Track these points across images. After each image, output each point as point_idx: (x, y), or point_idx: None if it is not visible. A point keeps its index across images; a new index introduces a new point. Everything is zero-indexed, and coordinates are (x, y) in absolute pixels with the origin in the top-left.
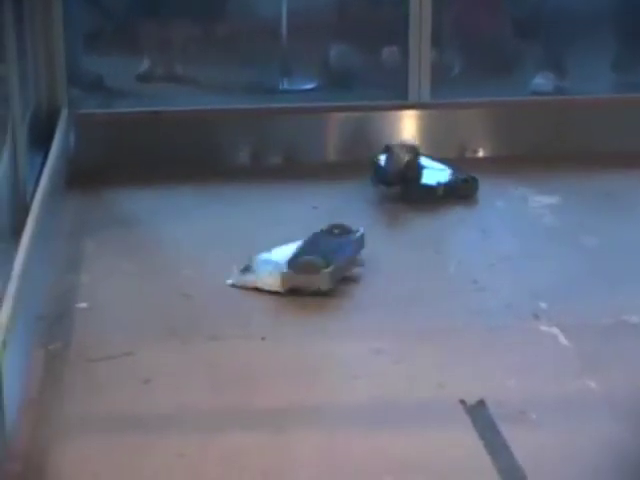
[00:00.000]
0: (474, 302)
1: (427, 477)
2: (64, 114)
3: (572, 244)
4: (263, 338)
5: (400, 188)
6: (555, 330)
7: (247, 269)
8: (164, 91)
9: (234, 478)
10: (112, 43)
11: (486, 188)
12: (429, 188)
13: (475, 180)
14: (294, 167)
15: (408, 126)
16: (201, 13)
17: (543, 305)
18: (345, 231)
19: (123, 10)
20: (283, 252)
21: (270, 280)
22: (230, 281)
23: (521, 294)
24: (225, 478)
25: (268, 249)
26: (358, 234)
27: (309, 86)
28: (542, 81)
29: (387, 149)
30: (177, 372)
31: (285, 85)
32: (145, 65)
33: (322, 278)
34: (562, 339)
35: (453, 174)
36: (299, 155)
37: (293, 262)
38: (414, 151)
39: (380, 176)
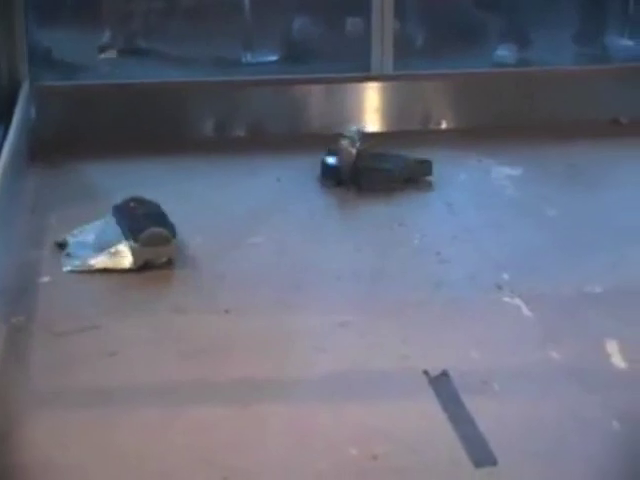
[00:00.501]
0: (438, 274)
1: (391, 447)
2: (25, 87)
3: (535, 216)
4: (227, 311)
5: (355, 180)
6: (518, 301)
7: (71, 254)
8: (127, 64)
9: (201, 450)
10: (73, 16)
11: (449, 160)
12: (386, 172)
13: (429, 162)
14: (258, 139)
15: (371, 98)
16: None
17: (506, 276)
18: (142, 203)
19: None
20: (88, 234)
21: (117, 259)
22: (68, 268)
23: (484, 266)
24: (192, 450)
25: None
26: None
27: (272, 58)
28: (505, 52)
29: (334, 148)
30: (143, 345)
31: (248, 58)
32: (106, 37)
33: (172, 249)
34: (525, 310)
35: (405, 159)
36: (263, 127)
37: (139, 236)
38: (361, 140)
39: (331, 175)
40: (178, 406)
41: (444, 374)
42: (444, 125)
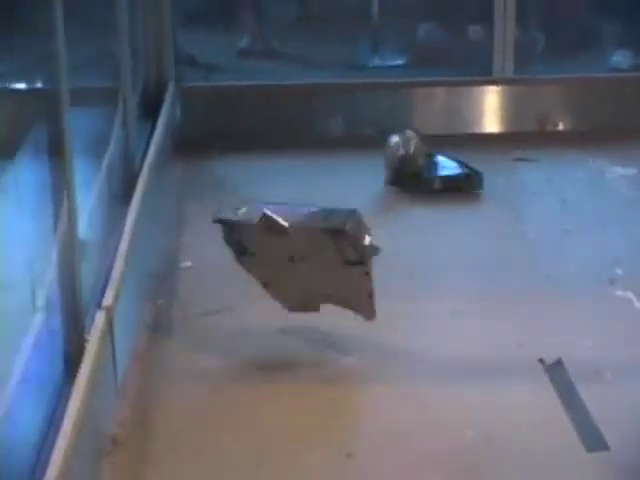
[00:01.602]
0: (552, 267)
1: (506, 430)
2: (170, 87)
3: None
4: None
5: (397, 183)
6: (630, 295)
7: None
8: (263, 66)
9: (321, 429)
10: (214, 21)
11: (564, 160)
12: (426, 181)
13: (479, 176)
14: (383, 140)
15: (491, 100)
16: None
17: (619, 271)
18: None
19: None
20: None
21: None
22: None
23: (597, 260)
24: (315, 429)
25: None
26: None
27: (398, 62)
28: (620, 58)
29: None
30: (268, 325)
31: (375, 61)
32: (244, 42)
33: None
34: (636, 303)
35: (458, 168)
36: (389, 128)
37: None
38: (414, 145)
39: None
40: (311, 383)
41: (559, 362)
42: (561, 127)
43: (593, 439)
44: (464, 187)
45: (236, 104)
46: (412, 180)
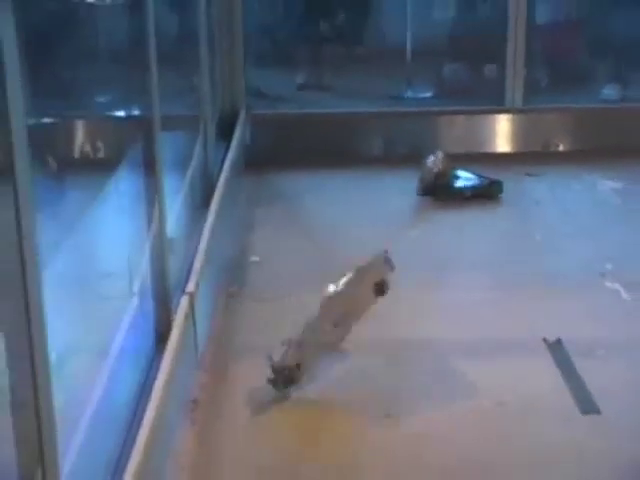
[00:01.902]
0: (555, 263)
1: (515, 397)
2: (242, 114)
3: (633, 219)
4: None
5: (432, 193)
6: (618, 286)
7: None
8: (317, 97)
9: (363, 390)
10: (278, 60)
11: (564, 174)
12: (458, 190)
13: (499, 183)
14: (416, 158)
15: (504, 126)
16: (345, 37)
17: (609, 267)
18: None
19: (287, 38)
20: None
21: None
22: None
23: (592, 258)
24: (358, 392)
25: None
26: None
27: (427, 95)
28: (610, 92)
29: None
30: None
31: (409, 94)
32: (302, 77)
33: None
34: (623, 294)
35: (480, 179)
36: (420, 148)
37: None
38: (444, 163)
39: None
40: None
41: (559, 341)
42: (561, 148)
43: (587, 404)
44: (489, 193)
45: (295, 129)
46: (443, 190)
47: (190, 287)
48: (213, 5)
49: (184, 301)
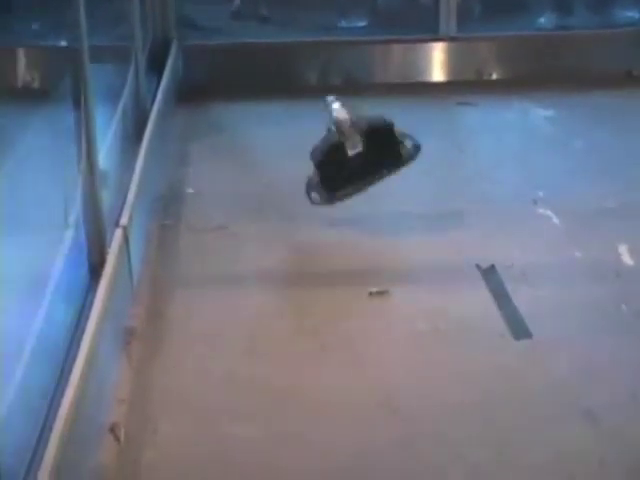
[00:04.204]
0: (487, 191)
1: (451, 323)
2: (174, 45)
3: (564, 147)
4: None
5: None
6: (549, 213)
7: None
8: (251, 27)
9: (300, 325)
10: None
11: (497, 103)
12: None
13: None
14: (350, 87)
15: (438, 55)
16: None
17: (540, 194)
18: None
19: None
20: None
21: None
22: None
23: (524, 185)
24: (292, 326)
25: None
26: None
27: (361, 24)
28: (544, 20)
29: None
30: (260, 241)
31: (343, 23)
32: (236, 6)
33: None
34: (555, 220)
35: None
36: (354, 78)
37: None
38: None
39: None
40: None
41: (492, 267)
42: (494, 76)
43: (519, 329)
44: None
45: (229, 60)
46: None
47: (124, 220)
48: None
49: (118, 234)
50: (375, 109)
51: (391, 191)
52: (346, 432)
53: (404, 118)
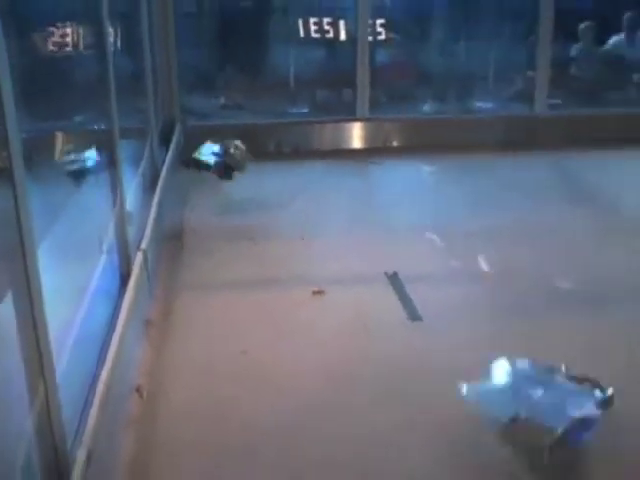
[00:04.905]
0: (391, 221)
1: (368, 312)
2: (178, 126)
3: (442, 192)
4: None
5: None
6: (434, 236)
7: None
8: (232, 113)
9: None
10: (206, 88)
11: (397, 162)
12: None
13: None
14: (297, 153)
15: (356, 130)
16: (252, 72)
17: (428, 222)
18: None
19: (211, 72)
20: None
21: None
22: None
23: (416, 216)
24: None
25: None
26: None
27: (304, 110)
28: (428, 107)
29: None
30: (238, 261)
31: (292, 110)
32: (223, 100)
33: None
34: (437, 241)
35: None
36: (300, 147)
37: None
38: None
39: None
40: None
41: (395, 274)
42: (395, 144)
43: (414, 315)
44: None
45: (216, 135)
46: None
47: (143, 245)
48: (155, 52)
49: (139, 255)
50: (315, 168)
51: (321, 218)
52: (297, 390)
53: (334, 172)
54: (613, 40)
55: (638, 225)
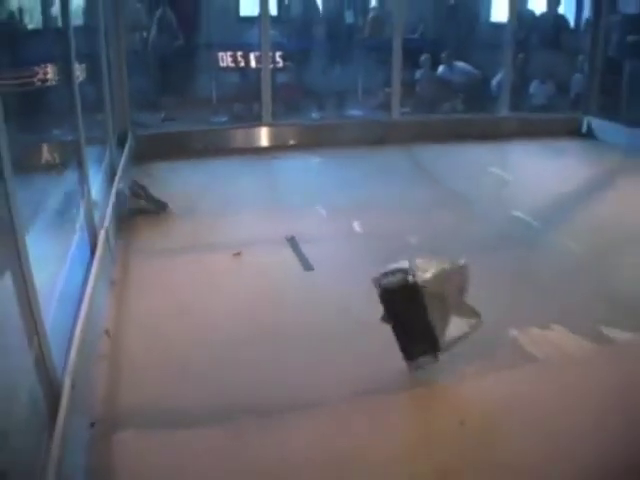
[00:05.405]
0: (291, 201)
1: (272, 265)
2: (130, 134)
3: (326, 176)
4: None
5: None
6: (321, 209)
7: None
8: (170, 124)
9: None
10: (150, 105)
11: (293, 155)
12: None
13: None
14: (220, 152)
15: (263, 133)
16: (183, 92)
17: (318, 199)
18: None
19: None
20: None
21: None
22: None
23: (311, 195)
24: (208, 284)
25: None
26: None
27: (224, 119)
28: (315, 114)
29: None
30: (169, 227)
31: (214, 119)
32: (163, 115)
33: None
34: (323, 212)
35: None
36: (219, 147)
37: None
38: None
39: None
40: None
41: (293, 237)
42: (291, 143)
43: (307, 266)
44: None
45: (160, 141)
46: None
47: (106, 224)
48: (112, 80)
49: (103, 232)
50: (232, 162)
51: (237, 198)
52: (219, 326)
53: (247, 165)
54: (441, 69)
55: (462, 196)
